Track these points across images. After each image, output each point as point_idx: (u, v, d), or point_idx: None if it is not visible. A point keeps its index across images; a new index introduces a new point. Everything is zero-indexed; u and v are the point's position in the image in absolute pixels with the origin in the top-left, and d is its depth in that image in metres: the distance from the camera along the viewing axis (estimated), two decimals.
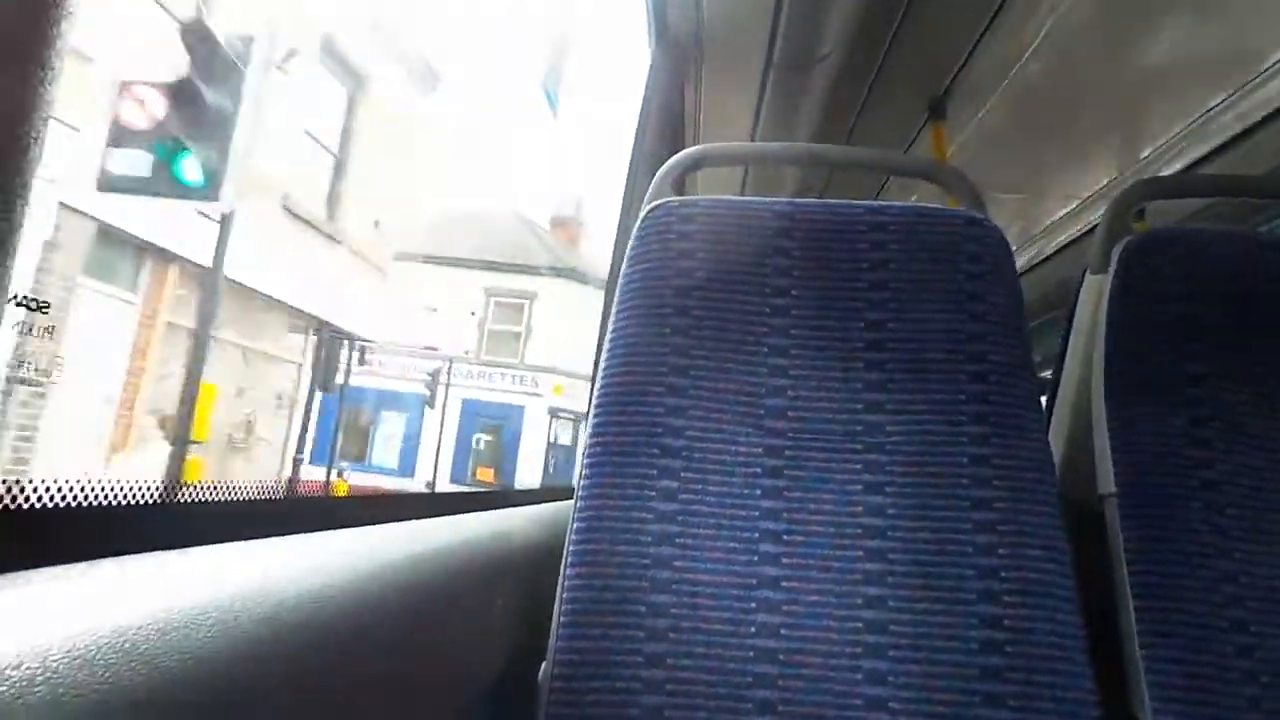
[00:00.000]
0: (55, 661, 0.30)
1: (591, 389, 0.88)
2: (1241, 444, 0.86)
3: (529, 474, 15.32)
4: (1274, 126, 1.56)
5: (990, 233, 0.86)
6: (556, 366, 16.05)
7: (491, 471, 15.33)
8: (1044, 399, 1.08)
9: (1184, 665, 0.79)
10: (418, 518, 0.82)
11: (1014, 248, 2.37)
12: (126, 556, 0.42)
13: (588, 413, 0.86)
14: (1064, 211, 2.26)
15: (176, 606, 0.37)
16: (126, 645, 0.33)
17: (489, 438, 15.88)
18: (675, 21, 1.54)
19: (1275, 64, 1.51)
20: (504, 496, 1.16)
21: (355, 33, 9.54)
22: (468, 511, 0.93)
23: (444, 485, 14.63)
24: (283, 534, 0.57)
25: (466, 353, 16.05)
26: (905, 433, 0.81)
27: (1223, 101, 1.63)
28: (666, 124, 1.56)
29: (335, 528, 0.66)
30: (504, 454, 15.76)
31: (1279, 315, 0.90)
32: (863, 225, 0.87)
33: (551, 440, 16.08)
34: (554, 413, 16.06)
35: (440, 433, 12.96)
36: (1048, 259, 2.38)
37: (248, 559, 0.49)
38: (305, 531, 0.61)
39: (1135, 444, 0.87)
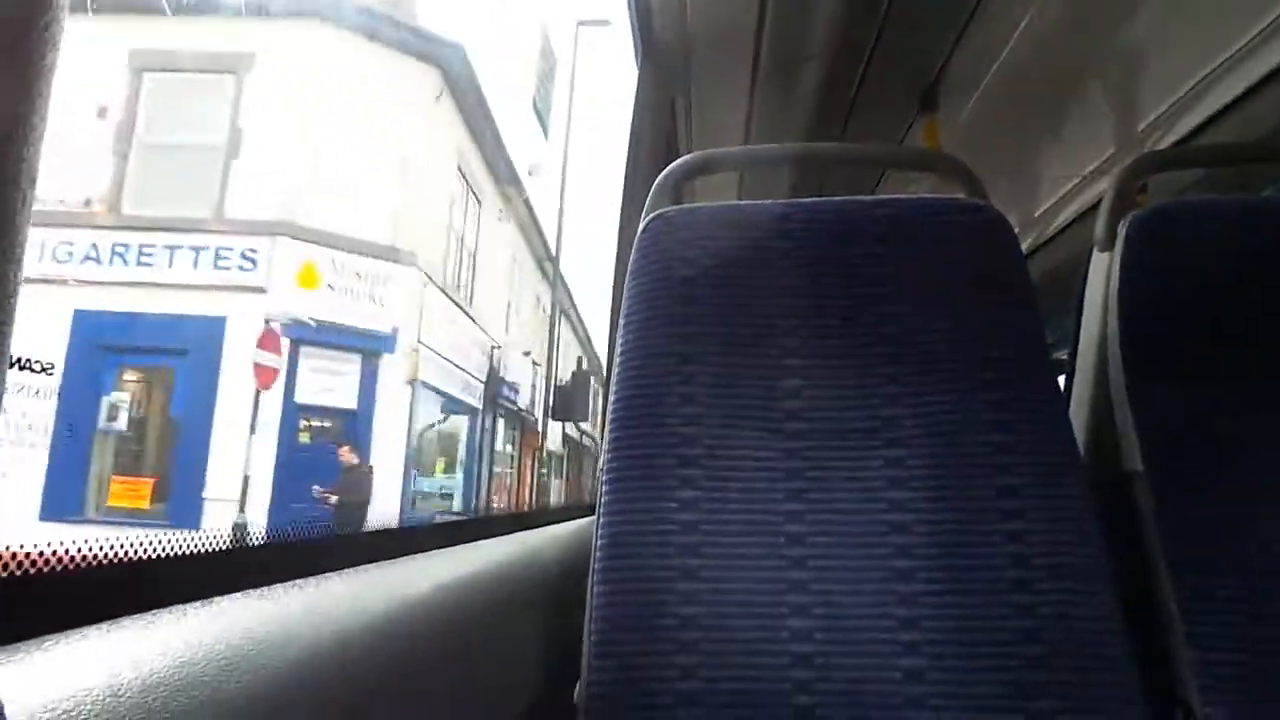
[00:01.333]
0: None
1: (604, 404, 0.88)
2: (1265, 410, 0.85)
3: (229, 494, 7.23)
4: (1267, 92, 1.56)
5: (993, 218, 0.85)
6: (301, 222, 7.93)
7: (143, 486, 7.28)
8: (1060, 380, 1.07)
9: (1229, 644, 0.78)
10: (440, 547, 0.82)
11: (1017, 230, 2.36)
12: (149, 612, 0.42)
13: (602, 427, 0.86)
14: (1063, 191, 2.25)
15: (202, 658, 0.37)
16: (155, 702, 0.33)
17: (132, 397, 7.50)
18: (661, 33, 1.54)
19: (1265, 29, 1.50)
20: (525, 518, 1.15)
21: None
22: (489, 537, 0.93)
23: None
24: (303, 576, 0.57)
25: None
26: (924, 425, 0.80)
27: (1215, 69, 1.62)
28: (659, 135, 1.56)
29: (358, 565, 0.66)
30: (172, 439, 7.53)
31: None
32: (865, 220, 0.87)
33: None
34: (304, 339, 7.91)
35: None
36: (1051, 240, 2.37)
37: (271, 605, 0.49)
38: (328, 572, 0.60)
39: (1158, 419, 0.86)
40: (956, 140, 1.98)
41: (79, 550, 0.42)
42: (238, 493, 7.29)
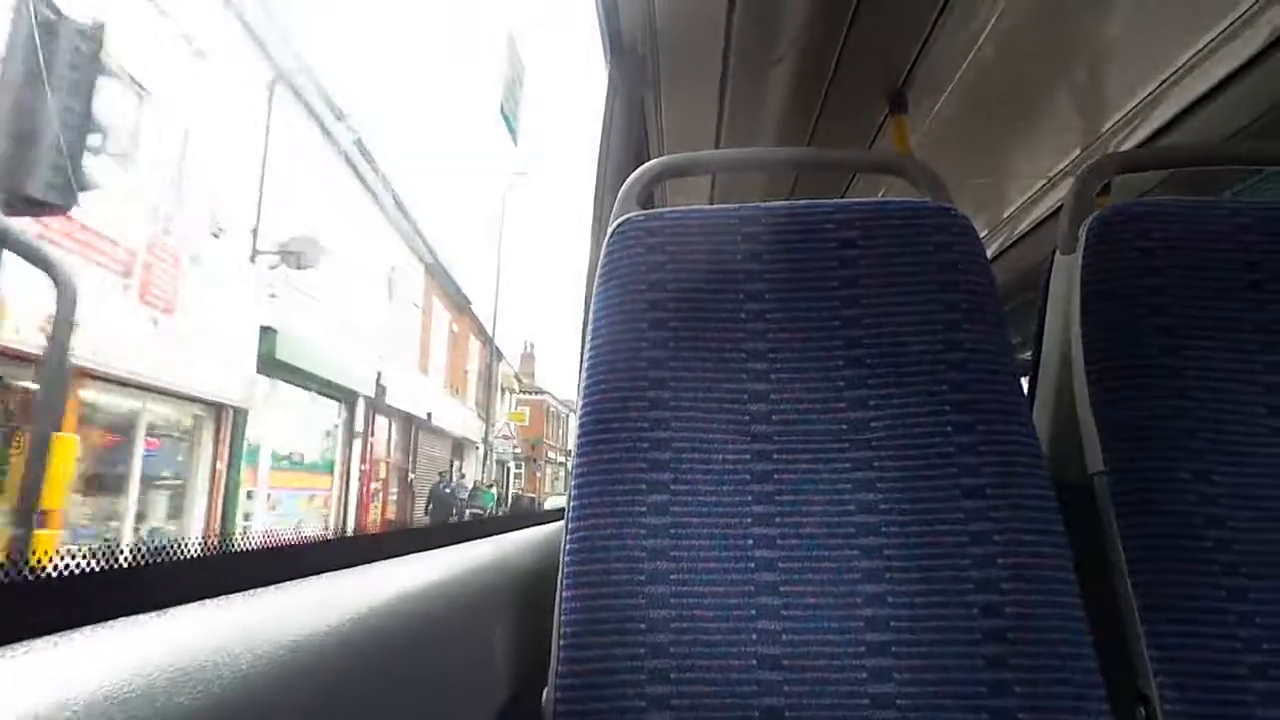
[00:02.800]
0: None
1: (576, 410, 0.88)
2: (1223, 411, 0.86)
3: None
4: (1229, 93, 1.58)
5: (957, 220, 0.86)
6: None
7: None
8: (1025, 382, 1.08)
9: (1186, 639, 0.79)
10: (408, 553, 0.81)
11: (986, 233, 2.40)
12: (99, 624, 0.41)
13: (575, 434, 0.86)
14: (1031, 193, 2.27)
15: (157, 669, 0.36)
16: (110, 711, 0.33)
17: None
18: (629, 37, 1.54)
19: (1226, 29, 1.53)
20: (495, 523, 1.15)
21: None
22: (459, 542, 0.92)
23: None
24: (266, 584, 0.57)
25: None
26: (890, 427, 0.81)
27: (1177, 71, 1.65)
28: (629, 139, 1.56)
29: (325, 572, 0.65)
30: None
31: (1249, 280, 0.91)
32: (830, 224, 0.87)
33: None
34: None
35: None
36: (1019, 241, 2.40)
37: (228, 615, 0.48)
38: (292, 579, 0.60)
39: (1120, 420, 0.87)
40: (926, 142, 2.00)
41: (25, 562, 0.42)
42: None
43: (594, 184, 1.45)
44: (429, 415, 16.35)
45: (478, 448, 21.32)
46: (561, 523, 0.83)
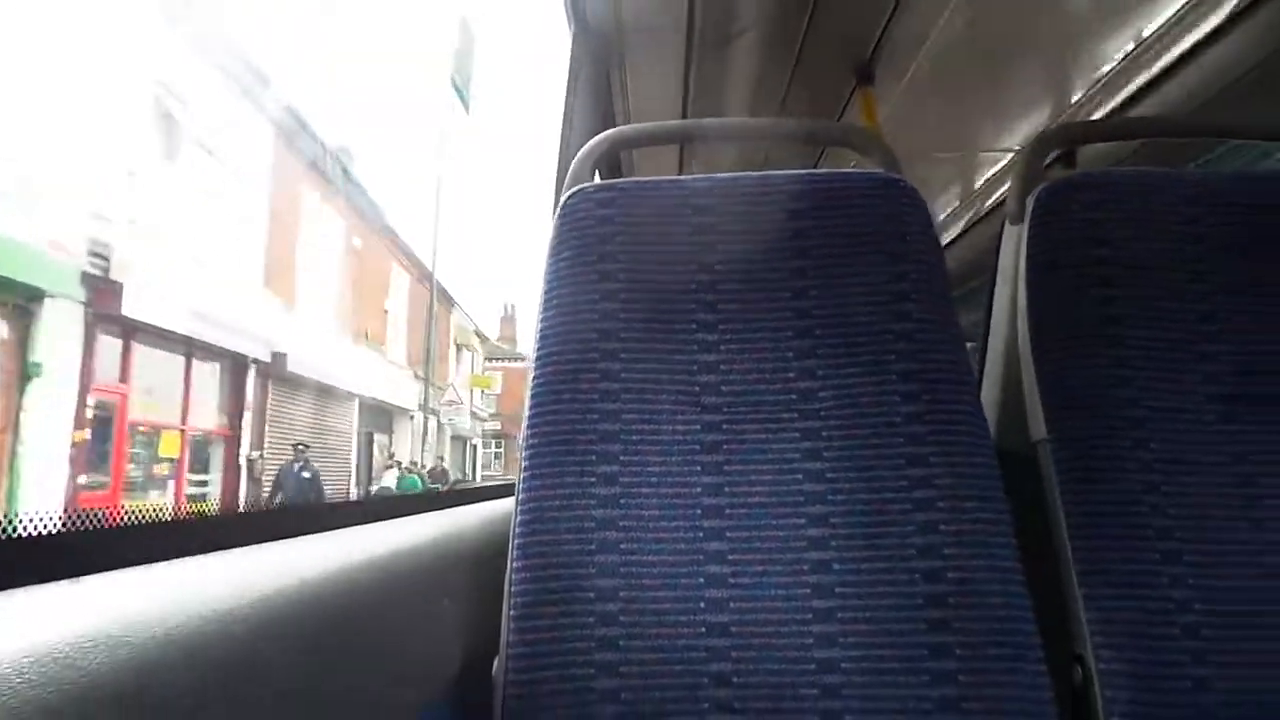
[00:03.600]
0: None
1: (526, 382, 0.87)
2: (1162, 379, 0.88)
3: None
4: (1194, 65, 1.59)
5: (905, 192, 0.86)
6: None
7: None
8: (979, 352, 1.09)
9: (1121, 601, 0.80)
10: (360, 524, 0.81)
11: (955, 205, 2.40)
12: (59, 582, 0.41)
13: (525, 405, 0.86)
14: (999, 167, 2.28)
15: (76, 635, 0.36)
16: (48, 670, 0.33)
17: None
18: (593, 7, 1.52)
19: (1191, 4, 1.53)
20: (447, 497, 1.15)
21: None
22: (411, 514, 0.92)
23: None
24: (216, 550, 0.57)
25: None
26: (838, 398, 0.81)
27: (1145, 43, 1.65)
28: (594, 110, 1.55)
29: (274, 539, 0.65)
30: None
31: (1194, 250, 0.92)
32: (781, 195, 0.87)
33: None
34: None
35: None
36: (986, 216, 2.41)
37: (189, 573, 0.48)
38: (241, 545, 0.60)
39: (1063, 388, 0.88)
40: (893, 115, 1.99)
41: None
42: None
43: (557, 157, 1.44)
44: (284, 357, 11.18)
45: (412, 417, 17.60)
46: (512, 497, 0.83)
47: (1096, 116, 1.85)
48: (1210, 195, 0.93)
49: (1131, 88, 1.75)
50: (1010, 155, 2.21)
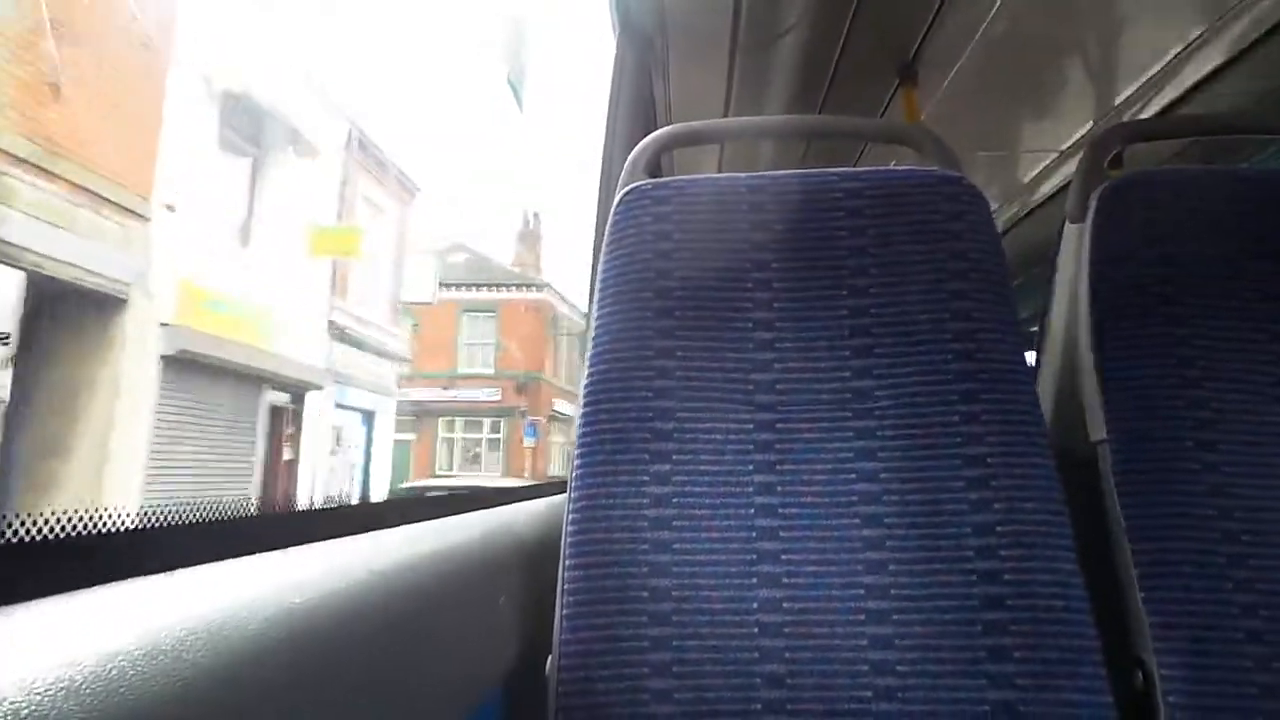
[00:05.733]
0: (40, 695, 0.30)
1: (580, 379, 0.88)
2: (1229, 380, 0.86)
3: None
4: (1245, 64, 1.56)
5: (967, 190, 0.85)
6: None
7: None
8: (1034, 352, 1.08)
9: (1184, 605, 0.79)
10: (413, 521, 0.82)
11: (996, 206, 2.39)
12: (109, 584, 0.42)
13: (579, 402, 0.86)
14: (1043, 165, 2.26)
15: (163, 630, 0.37)
16: (113, 673, 0.33)
17: None
18: (638, 6, 1.53)
19: (1241, 1, 1.50)
20: (498, 494, 1.16)
21: None
22: (463, 512, 0.93)
23: None
24: (272, 549, 0.57)
25: None
26: (894, 397, 0.81)
27: (1194, 41, 1.63)
28: (638, 110, 1.55)
29: (327, 538, 0.66)
30: None
31: (1256, 249, 0.90)
32: (839, 193, 0.86)
33: None
34: None
35: None
36: (1030, 214, 2.38)
37: (237, 577, 0.49)
38: (294, 545, 0.60)
39: (1124, 389, 0.87)
40: (936, 114, 1.98)
41: (35, 523, 0.42)
42: None
43: (601, 154, 1.45)
44: None
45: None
46: (564, 495, 0.84)
47: (1144, 115, 1.83)
48: (1273, 193, 0.92)
49: (1179, 86, 1.72)
50: (1054, 156, 2.18)
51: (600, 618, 0.76)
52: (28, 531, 0.41)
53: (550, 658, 0.77)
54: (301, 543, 0.61)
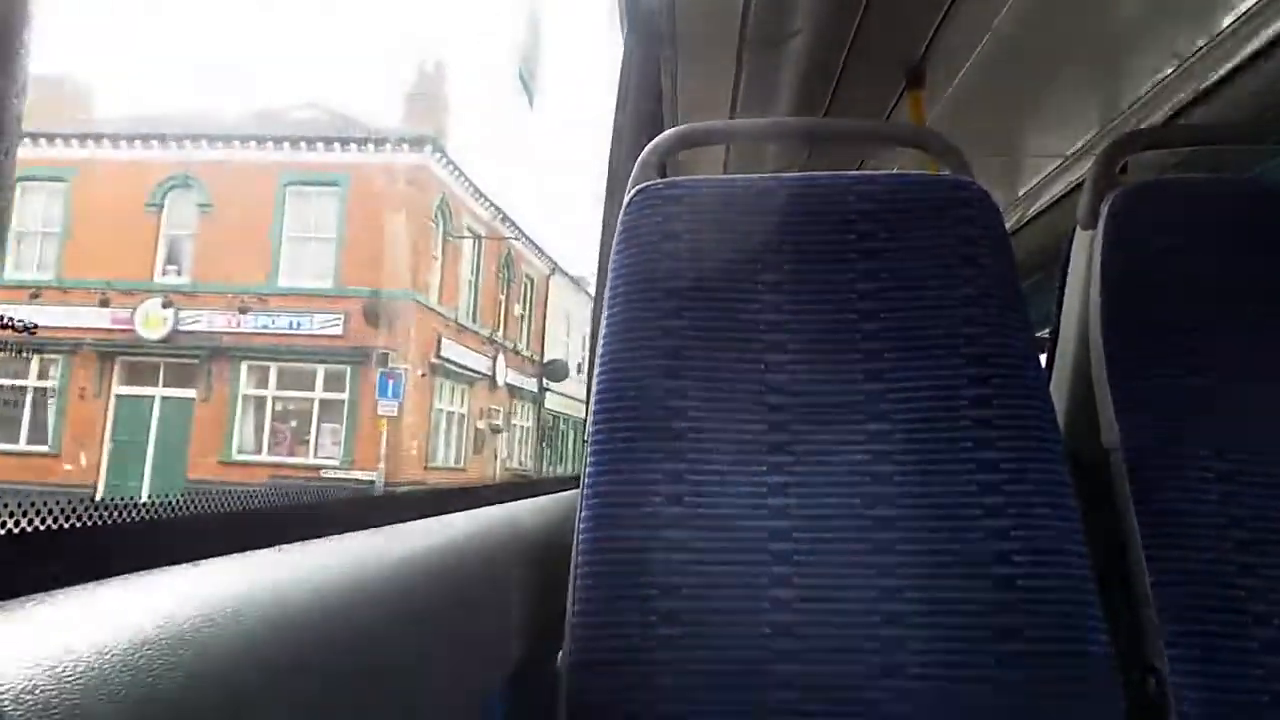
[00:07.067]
0: (69, 683, 0.30)
1: (589, 377, 0.88)
2: (1242, 387, 0.86)
3: None
4: (1251, 72, 1.57)
5: (978, 195, 0.86)
6: None
7: None
8: (1042, 357, 1.08)
9: (1197, 612, 0.79)
10: (427, 515, 0.82)
11: (1000, 210, 2.37)
12: (133, 574, 0.42)
13: (588, 400, 0.86)
14: (1048, 171, 2.26)
15: (184, 619, 0.37)
16: (140, 661, 0.33)
17: None
18: (647, 6, 1.53)
19: (1250, 10, 1.51)
20: (511, 489, 1.16)
21: None
22: (476, 507, 0.93)
23: None
24: (290, 541, 0.57)
25: None
26: (906, 400, 0.81)
27: (1201, 49, 1.63)
28: (645, 110, 1.55)
29: (344, 531, 0.66)
30: None
31: (1269, 258, 0.90)
32: (850, 195, 0.87)
33: None
34: None
35: None
36: (1034, 219, 2.38)
37: (255, 568, 0.49)
38: (313, 537, 0.61)
39: (1137, 396, 0.87)
40: (942, 117, 1.98)
41: (64, 510, 0.42)
42: None
43: (608, 153, 1.45)
44: None
45: None
46: (576, 490, 0.84)
47: (1150, 122, 1.83)
48: None
49: (1185, 94, 1.73)
50: (1060, 161, 2.19)
51: (611, 614, 0.76)
52: (43, 522, 0.41)
53: (560, 652, 0.77)
54: (319, 536, 0.61)
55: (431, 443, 14.24)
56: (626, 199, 0.89)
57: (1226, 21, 1.56)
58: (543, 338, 19.33)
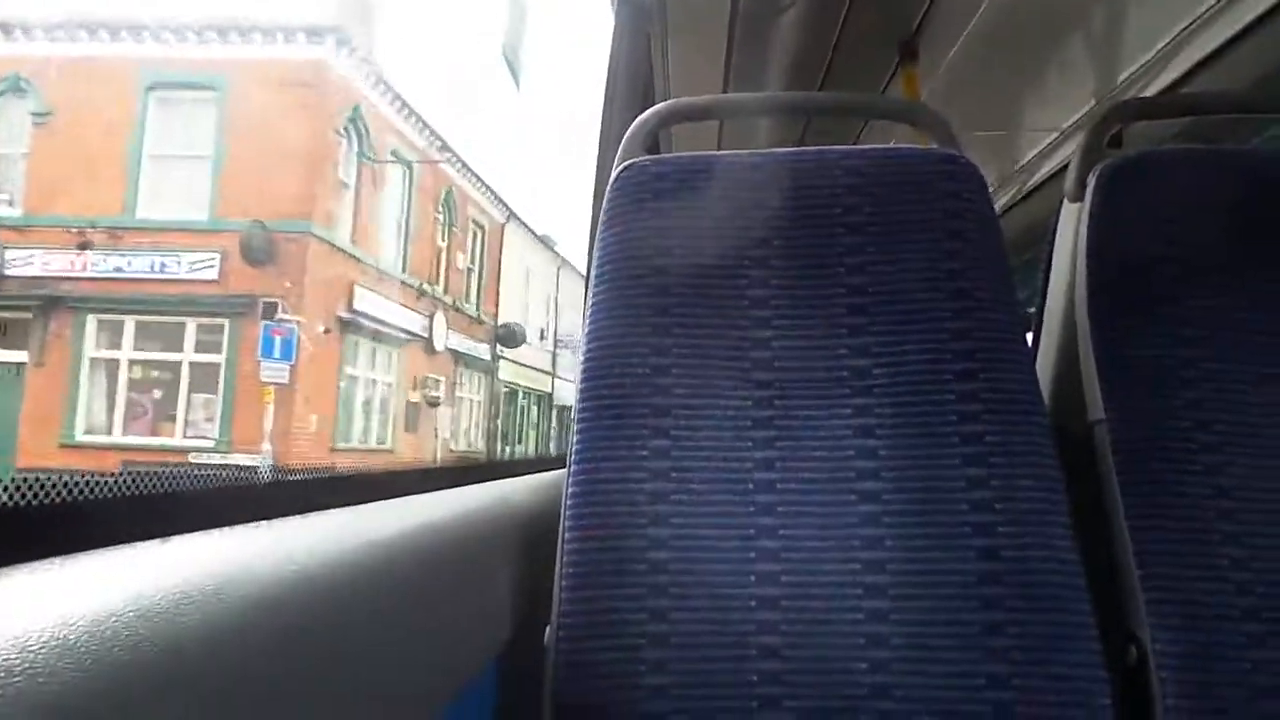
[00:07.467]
0: (34, 652, 0.30)
1: (578, 355, 0.88)
2: (1227, 359, 0.86)
3: None
4: (1247, 42, 1.55)
5: (965, 169, 0.85)
6: None
7: None
8: (1031, 331, 1.07)
9: (1179, 581, 0.80)
10: (412, 493, 0.82)
11: (995, 186, 2.39)
12: (108, 549, 0.42)
13: (577, 379, 0.86)
14: (1043, 145, 2.25)
15: (158, 593, 0.37)
16: (107, 633, 0.33)
17: None
18: None
19: None
20: (498, 467, 1.16)
21: None
22: (462, 484, 0.93)
23: None
24: (269, 517, 0.57)
25: None
26: (892, 374, 0.81)
27: (1197, 20, 1.62)
28: (636, 85, 1.54)
29: (326, 508, 0.66)
30: None
31: (1256, 230, 0.90)
32: (838, 170, 0.86)
33: None
34: None
35: None
36: (1030, 195, 2.38)
37: (232, 544, 0.49)
38: (293, 513, 0.61)
39: (1122, 369, 0.87)
40: (936, 92, 1.97)
41: (31, 485, 0.42)
42: None
43: (598, 129, 1.44)
44: None
45: None
46: (563, 470, 0.84)
47: (1146, 94, 1.82)
48: (1274, 174, 0.91)
49: (1181, 65, 1.71)
50: (1054, 134, 2.17)
51: (599, 589, 0.77)
52: (24, 495, 0.41)
53: (549, 628, 0.78)
54: (299, 512, 0.61)
55: (342, 417, 11.59)
56: (613, 175, 0.89)
57: None
58: (496, 297, 16.79)
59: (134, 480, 0.50)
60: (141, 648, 0.34)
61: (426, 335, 13.87)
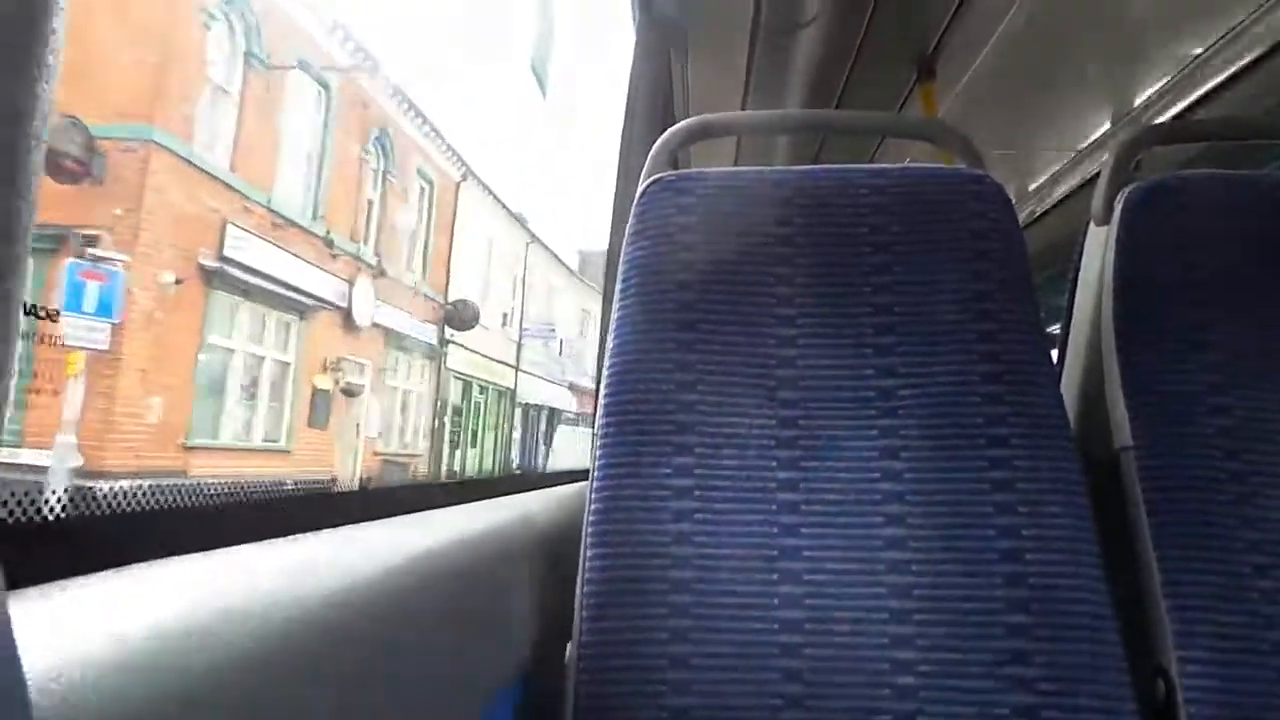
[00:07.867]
0: (94, 671, 0.30)
1: (599, 369, 0.88)
2: (1256, 387, 0.86)
3: None
4: (1266, 67, 1.56)
5: (991, 189, 0.85)
6: None
7: None
8: (1054, 354, 1.07)
9: (1209, 614, 0.79)
10: (438, 506, 0.82)
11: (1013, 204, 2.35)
12: (153, 562, 0.42)
13: (596, 393, 0.86)
14: (1059, 165, 2.25)
15: (205, 608, 0.37)
16: (159, 648, 0.33)
17: None
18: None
19: (1265, 4, 1.50)
20: (520, 480, 1.16)
21: None
22: (486, 498, 0.93)
23: None
24: (305, 531, 0.58)
25: None
26: (918, 396, 0.80)
27: (1216, 43, 1.62)
28: (656, 100, 1.55)
29: (358, 521, 0.66)
30: None
31: None
32: (863, 189, 0.86)
33: None
34: None
35: None
36: (1045, 214, 2.37)
37: (272, 558, 0.49)
38: (329, 527, 0.61)
39: (1150, 395, 0.87)
40: (954, 110, 1.97)
41: (85, 498, 0.42)
42: None
43: (619, 143, 1.45)
44: None
45: None
46: (585, 483, 0.84)
47: (1164, 117, 1.82)
48: None
49: (1200, 88, 1.72)
50: (1071, 155, 2.18)
51: (621, 608, 0.76)
52: (76, 509, 0.42)
53: (570, 646, 0.77)
54: (338, 525, 0.61)
55: (205, 404, 8.71)
56: (639, 191, 0.89)
57: (1241, 16, 1.55)
58: (447, 270, 14.15)
59: (181, 493, 0.50)
60: (190, 664, 0.34)
61: (344, 305, 11.25)
